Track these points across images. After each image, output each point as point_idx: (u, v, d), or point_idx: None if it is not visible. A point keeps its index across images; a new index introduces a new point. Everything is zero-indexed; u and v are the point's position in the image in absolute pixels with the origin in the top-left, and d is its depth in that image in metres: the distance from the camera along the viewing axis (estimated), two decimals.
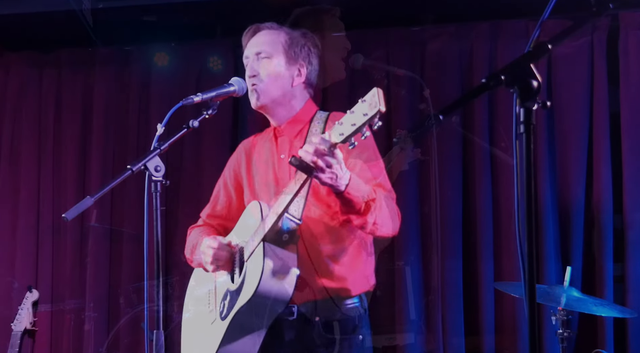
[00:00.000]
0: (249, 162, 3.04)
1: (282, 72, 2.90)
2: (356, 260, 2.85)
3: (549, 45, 1.80)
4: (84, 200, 2.46)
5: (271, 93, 2.89)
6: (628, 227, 4.29)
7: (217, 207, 3.14)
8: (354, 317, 2.83)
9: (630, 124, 4.35)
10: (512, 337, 4.32)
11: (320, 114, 2.93)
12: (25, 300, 4.46)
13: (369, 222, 2.65)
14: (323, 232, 2.80)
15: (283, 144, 2.94)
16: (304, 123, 2.92)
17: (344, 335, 2.80)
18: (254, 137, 3.14)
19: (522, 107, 1.77)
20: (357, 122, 2.29)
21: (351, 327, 2.82)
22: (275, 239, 2.68)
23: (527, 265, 1.74)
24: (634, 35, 4.39)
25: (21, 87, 5.07)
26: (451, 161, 4.51)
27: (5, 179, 5.01)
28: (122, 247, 4.84)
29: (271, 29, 2.96)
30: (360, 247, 2.87)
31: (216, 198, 3.15)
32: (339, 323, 2.80)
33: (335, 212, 2.70)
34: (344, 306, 2.82)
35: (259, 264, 2.65)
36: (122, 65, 5.00)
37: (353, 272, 2.84)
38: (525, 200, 1.75)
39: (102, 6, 4.57)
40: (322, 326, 2.78)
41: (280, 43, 2.92)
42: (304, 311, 2.77)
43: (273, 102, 2.91)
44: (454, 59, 4.61)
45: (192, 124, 2.65)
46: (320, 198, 2.77)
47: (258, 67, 2.90)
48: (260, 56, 2.91)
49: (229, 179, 3.11)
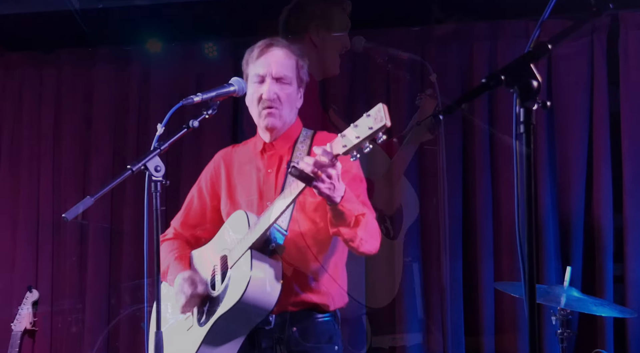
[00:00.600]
0: (229, 173, 3.05)
1: (294, 97, 2.96)
2: (335, 276, 2.92)
3: (549, 45, 1.80)
4: (84, 200, 2.46)
5: (285, 118, 2.94)
6: (628, 227, 4.29)
7: (190, 215, 3.14)
8: (329, 328, 2.90)
9: (630, 124, 4.35)
10: (512, 337, 4.32)
11: (306, 131, 3.00)
12: (25, 300, 4.46)
13: (357, 236, 2.71)
14: (306, 247, 2.85)
15: (272, 158, 2.97)
16: (292, 140, 2.98)
17: (321, 344, 2.86)
18: (232, 147, 3.16)
19: (522, 107, 1.77)
20: (361, 135, 2.36)
21: (327, 337, 2.89)
22: (262, 248, 2.73)
23: (527, 265, 1.74)
24: (634, 35, 4.39)
25: (21, 87, 5.07)
26: (451, 161, 4.51)
27: (5, 179, 5.01)
28: (122, 247, 4.84)
29: (283, 49, 2.96)
30: (338, 265, 2.95)
31: (189, 206, 3.15)
32: (316, 333, 2.86)
33: (320, 228, 2.79)
34: (320, 318, 2.88)
35: (246, 272, 2.68)
36: (122, 65, 5.00)
37: (331, 288, 2.91)
38: (525, 200, 1.75)
39: (102, 6, 4.57)
40: (300, 335, 2.84)
41: (295, 68, 2.96)
42: (281, 321, 2.81)
43: (283, 125, 2.96)
44: (454, 59, 4.61)
45: (192, 124, 2.65)
46: (307, 213, 2.84)
47: (279, 92, 2.91)
48: (282, 81, 2.92)
49: (205, 188, 3.11)
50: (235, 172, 3.05)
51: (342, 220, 2.66)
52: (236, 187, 3.02)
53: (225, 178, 3.05)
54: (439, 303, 4.44)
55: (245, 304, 2.68)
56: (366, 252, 2.81)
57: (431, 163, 4.50)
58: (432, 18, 4.53)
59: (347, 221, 2.67)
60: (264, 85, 2.91)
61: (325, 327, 2.89)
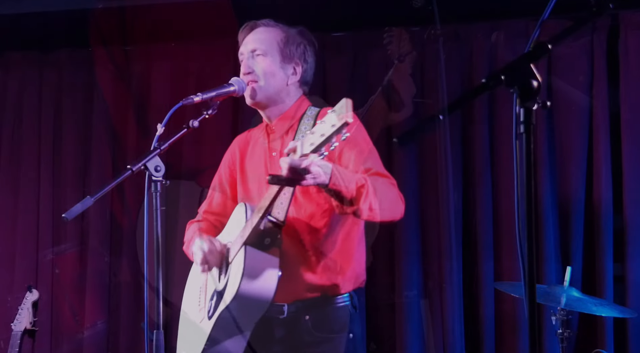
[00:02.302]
0: (242, 158, 3.05)
1: (277, 70, 2.91)
2: (346, 257, 2.86)
3: (549, 45, 1.80)
4: (84, 200, 2.47)
5: (265, 91, 2.90)
6: (628, 227, 4.28)
7: (213, 204, 3.15)
8: (344, 314, 2.85)
9: (630, 124, 4.35)
10: (512, 337, 4.32)
11: (311, 110, 2.94)
12: (25, 300, 4.45)
13: (363, 209, 2.62)
14: (311, 231, 2.82)
15: (274, 141, 2.96)
16: (294, 120, 2.93)
17: (334, 333, 2.82)
18: (247, 132, 3.15)
19: (522, 107, 1.77)
20: (325, 132, 2.31)
21: (341, 325, 2.84)
22: (257, 242, 2.70)
23: (527, 265, 1.74)
24: (634, 35, 4.39)
25: (21, 87, 5.07)
26: (451, 161, 4.51)
27: (6, 179, 5.01)
28: (122, 247, 4.84)
29: (267, 27, 2.98)
30: (351, 244, 2.88)
31: (212, 195, 3.16)
32: (329, 321, 2.82)
33: (325, 209, 2.75)
34: (334, 304, 2.84)
35: (240, 268, 2.68)
36: (122, 65, 5.00)
37: (343, 270, 2.85)
38: (525, 200, 1.75)
39: (102, 6, 4.57)
40: (312, 324, 2.81)
41: (276, 41, 2.94)
42: (294, 310, 2.80)
43: (267, 100, 2.92)
44: (454, 59, 4.61)
45: (192, 124, 2.66)
46: (311, 197, 2.81)
47: (253, 65, 2.91)
48: (255, 53, 2.92)
49: (224, 176, 3.11)
50: (248, 157, 3.04)
51: (341, 197, 2.60)
52: (248, 173, 3.01)
53: (240, 163, 3.05)
54: (439, 303, 4.44)
55: (242, 299, 2.67)
56: (386, 220, 2.74)
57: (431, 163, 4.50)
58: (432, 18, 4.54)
59: (347, 198, 2.59)
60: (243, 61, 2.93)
61: (339, 313, 2.84)
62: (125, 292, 4.79)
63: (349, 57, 4.69)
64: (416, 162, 4.54)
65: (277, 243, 2.71)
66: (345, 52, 4.71)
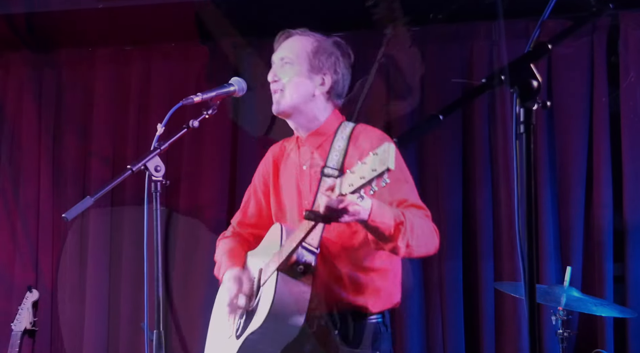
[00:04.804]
0: (276, 170, 3.00)
1: (303, 79, 2.85)
2: (379, 278, 2.83)
3: (549, 45, 1.80)
4: (84, 200, 2.47)
5: (290, 100, 2.85)
6: (628, 227, 4.28)
7: (248, 215, 3.10)
8: (374, 332, 2.81)
9: (630, 124, 4.35)
10: (512, 337, 4.32)
11: (345, 126, 2.86)
12: (25, 300, 4.46)
13: (400, 247, 2.58)
14: (342, 251, 2.78)
15: (305, 154, 2.90)
16: (326, 135, 2.87)
17: (361, 349, 2.78)
18: (282, 142, 3.08)
19: (522, 107, 1.77)
20: (366, 176, 2.22)
21: (370, 341, 2.80)
22: (290, 270, 2.66)
23: (527, 265, 1.74)
24: (634, 35, 4.39)
25: (21, 87, 5.07)
26: (451, 161, 4.51)
27: (6, 179, 5.01)
28: (122, 247, 4.84)
29: (301, 35, 2.92)
30: (384, 265, 2.84)
31: (247, 206, 3.11)
32: (357, 336, 2.79)
33: (355, 231, 2.72)
34: (364, 320, 2.81)
35: (270, 294, 2.65)
36: (122, 65, 5.00)
37: (375, 290, 2.81)
38: (525, 200, 1.75)
39: (102, 6, 4.57)
40: (341, 338, 2.77)
41: (306, 50, 2.88)
42: (324, 323, 2.76)
43: (292, 109, 2.86)
44: (454, 59, 4.61)
45: (192, 124, 2.65)
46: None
47: (280, 73, 2.87)
48: (284, 61, 2.88)
49: (259, 186, 3.06)
50: (281, 169, 2.99)
51: (379, 234, 2.55)
52: (281, 185, 2.98)
53: (273, 175, 3.00)
54: (439, 303, 4.44)
55: (270, 325, 2.65)
56: (422, 256, 2.71)
57: (431, 163, 4.50)
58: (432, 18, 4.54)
59: (385, 234, 2.55)
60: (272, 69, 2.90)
61: (369, 330, 2.80)
62: (125, 291, 4.78)
63: None
64: (416, 162, 4.54)
65: (310, 270, 2.67)
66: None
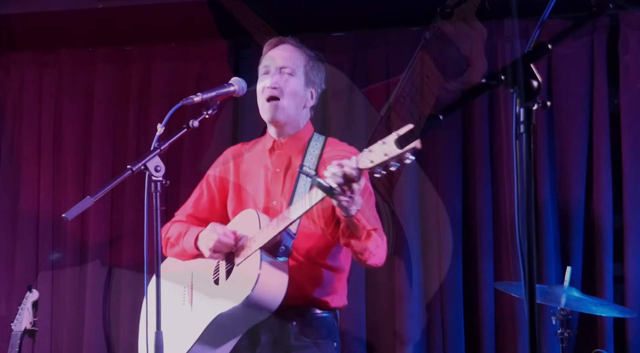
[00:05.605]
0: (237, 170, 3.04)
1: (300, 92, 2.95)
2: (340, 278, 2.95)
3: (549, 45, 1.80)
4: (84, 200, 2.47)
5: (288, 110, 2.93)
6: (628, 227, 4.29)
7: (199, 209, 3.11)
8: (329, 324, 2.92)
9: (630, 123, 4.35)
10: (512, 337, 4.32)
11: (317, 136, 3.01)
12: (25, 300, 4.45)
13: (367, 249, 2.73)
14: (314, 248, 2.87)
15: (280, 157, 2.97)
16: (303, 141, 2.98)
17: (321, 339, 2.88)
18: (241, 145, 3.15)
19: (522, 107, 1.77)
20: (389, 153, 2.35)
21: (326, 332, 2.90)
22: (272, 250, 2.73)
23: (527, 265, 1.74)
24: (634, 35, 4.39)
25: (21, 87, 5.07)
26: (451, 161, 4.51)
27: (6, 179, 5.01)
28: (122, 247, 4.84)
29: (295, 47, 3.00)
30: (345, 267, 2.97)
31: (199, 200, 3.13)
32: (316, 328, 2.88)
33: (325, 232, 2.83)
34: (320, 314, 2.90)
35: (254, 273, 2.69)
36: (122, 65, 5.00)
37: (335, 289, 2.93)
38: (525, 200, 1.75)
39: (102, 6, 4.57)
40: (299, 329, 2.85)
41: (302, 64, 2.97)
42: (282, 315, 2.80)
43: (287, 119, 2.94)
44: None
45: (192, 124, 2.66)
46: (319, 215, 2.85)
47: (281, 81, 2.92)
48: (284, 71, 2.93)
49: (214, 182, 3.09)
50: (243, 169, 3.04)
51: (355, 232, 2.69)
52: (244, 184, 3.02)
53: (234, 174, 3.04)
54: (439, 303, 4.44)
55: (249, 305, 2.69)
56: (373, 265, 2.82)
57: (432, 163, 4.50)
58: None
59: (359, 234, 2.69)
60: (268, 75, 2.93)
61: (325, 322, 2.90)
62: (125, 291, 4.78)
63: (349, 57, 4.69)
64: (416, 162, 4.54)
65: (288, 253, 2.74)
66: (345, 52, 4.71)
